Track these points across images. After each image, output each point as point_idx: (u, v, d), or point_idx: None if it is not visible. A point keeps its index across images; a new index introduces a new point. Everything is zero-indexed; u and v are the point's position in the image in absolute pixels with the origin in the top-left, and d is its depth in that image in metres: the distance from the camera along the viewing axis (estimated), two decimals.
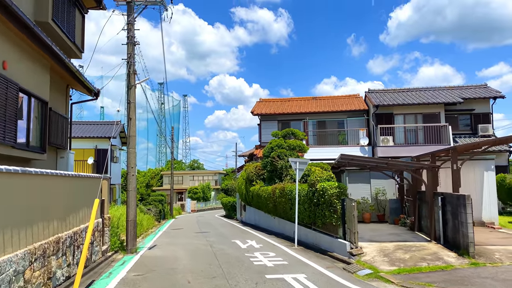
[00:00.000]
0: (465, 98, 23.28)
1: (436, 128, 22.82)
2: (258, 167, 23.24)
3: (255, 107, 28.31)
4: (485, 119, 23.66)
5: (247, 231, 19.94)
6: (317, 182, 12.92)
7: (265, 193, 19.26)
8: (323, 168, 18.42)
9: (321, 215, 12.57)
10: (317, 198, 12.75)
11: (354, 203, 11.15)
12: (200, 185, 67.33)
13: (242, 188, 27.38)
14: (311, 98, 29.55)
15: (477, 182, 14.49)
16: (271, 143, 20.66)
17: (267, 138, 26.99)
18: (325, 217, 12.34)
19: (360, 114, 26.18)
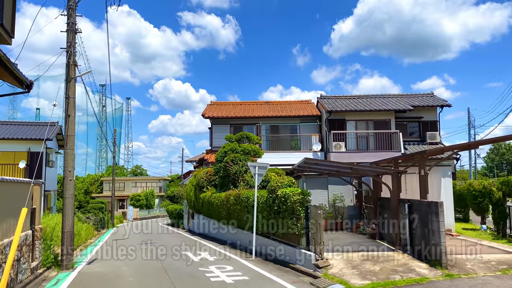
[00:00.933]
0: (414, 106, 23.55)
1: (387, 135, 22.82)
2: (209, 173, 21.96)
3: (206, 110, 27.00)
4: (432, 127, 24.07)
5: (197, 241, 18.55)
6: (278, 188, 11.95)
7: (218, 200, 18.02)
8: (278, 174, 17.56)
9: (283, 223, 11.61)
10: (278, 206, 11.77)
11: (320, 210, 10.29)
12: (143, 192, 64.30)
13: (190, 195, 25.89)
14: (264, 102, 28.77)
15: (435, 188, 14.27)
16: (224, 147, 19.50)
17: (219, 142, 25.77)
18: (287, 226, 11.38)
19: (312, 119, 25.73)
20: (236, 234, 16.25)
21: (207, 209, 20.65)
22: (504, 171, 65.88)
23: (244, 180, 17.46)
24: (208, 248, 15.52)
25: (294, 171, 15.78)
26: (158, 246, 16.61)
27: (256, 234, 13.73)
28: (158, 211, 62.36)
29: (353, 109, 23.40)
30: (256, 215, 13.23)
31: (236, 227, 16.54)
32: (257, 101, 28.96)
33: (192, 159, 43.81)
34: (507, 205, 12.91)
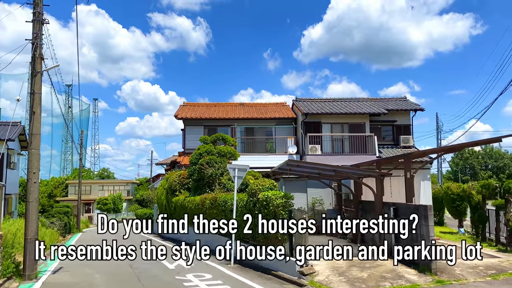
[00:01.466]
0: (389, 109, 23.61)
1: (361, 138, 22.73)
2: (183, 176, 21.16)
3: (179, 111, 26.15)
4: (406, 131, 24.21)
5: (171, 246, 17.71)
6: (259, 191, 11.40)
7: (192, 204, 17.27)
8: (255, 177, 17.04)
9: (264, 228, 11.05)
10: (259, 209, 11.22)
11: (305, 215, 9.81)
12: (110, 196, 62.21)
13: (162, 199, 24.96)
14: (238, 104, 28.20)
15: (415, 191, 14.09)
16: (199, 149, 18.78)
17: (192, 144, 24.99)
18: (268, 231, 10.84)
19: (288, 122, 25.40)
20: (212, 239, 15.56)
21: (180, 213, 19.83)
22: (468, 175, 67.99)
23: (220, 183, 16.82)
24: (184, 254, 14.76)
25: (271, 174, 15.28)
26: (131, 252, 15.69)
27: (236, 240, 13.13)
28: (126, 215, 60.47)
29: (329, 112, 23.23)
30: (236, 219, 12.63)
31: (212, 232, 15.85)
32: (231, 103, 28.37)
33: (162, 162, 42.62)
34: (486, 208, 12.91)
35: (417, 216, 9.32)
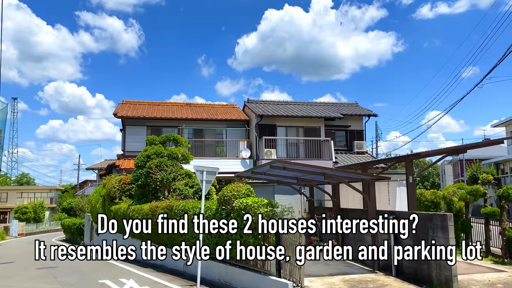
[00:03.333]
0: (344, 114, 22.73)
1: (317, 143, 21.55)
2: (124, 181, 18.35)
3: (118, 108, 23.14)
4: (359, 136, 23.51)
5: (113, 264, 14.88)
6: (233, 198, 9.38)
7: (139, 214, 14.67)
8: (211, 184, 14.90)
9: (241, 243, 9.03)
10: (234, 220, 9.18)
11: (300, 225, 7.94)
12: (31, 204, 55.69)
13: (96, 207, 21.74)
14: (184, 104, 25.77)
15: (391, 197, 12.92)
16: (147, 150, 16.20)
17: (133, 146, 22.19)
18: (247, 246, 8.85)
19: (240, 124, 23.53)
20: (168, 256, 13.14)
21: (121, 224, 17.01)
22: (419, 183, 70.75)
23: (175, 189, 14.43)
24: (132, 274, 12.17)
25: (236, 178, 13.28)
26: (63, 272, 12.72)
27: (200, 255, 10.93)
28: (48, 225, 54.42)
29: (285, 114, 21.77)
30: (202, 233, 10.44)
31: (165, 246, 13.43)
32: (177, 102, 25.87)
33: (94, 167, 38.49)
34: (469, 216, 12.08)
35: (429, 227, 7.90)
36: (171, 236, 12.44)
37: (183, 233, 11.64)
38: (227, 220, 9.37)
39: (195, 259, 11.25)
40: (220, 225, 9.74)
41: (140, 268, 13.46)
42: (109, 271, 13.01)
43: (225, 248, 9.68)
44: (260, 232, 8.50)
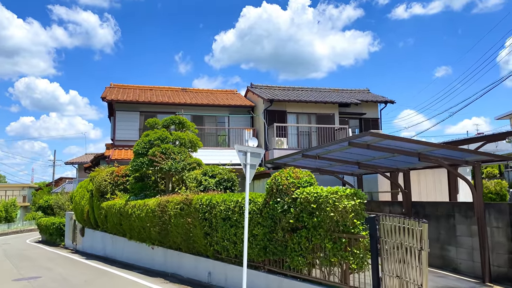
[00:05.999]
0: (362, 100, 20.47)
1: (331, 131, 19.21)
2: (118, 173, 15.46)
3: (106, 92, 20.10)
4: (374, 125, 21.28)
5: (109, 272, 12.04)
6: (293, 187, 6.85)
7: (141, 211, 11.88)
8: None
9: (307, 248, 6.52)
10: (296, 218, 6.66)
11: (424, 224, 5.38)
12: (1, 202, 51.19)
13: (81, 204, 18.70)
14: (180, 89, 22.91)
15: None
16: (149, 135, 13.40)
17: (124, 135, 19.26)
18: (319, 252, 6.35)
19: (244, 111, 20.93)
20: (183, 263, 10.47)
21: (116, 223, 14.19)
22: None
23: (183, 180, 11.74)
24: (136, 285, 9.45)
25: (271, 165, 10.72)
26: (48, 286, 9.84)
27: (232, 264, 8.37)
28: (21, 225, 50.10)
29: (297, 99, 19.29)
30: (235, 232, 7.87)
31: (177, 251, 10.76)
32: (171, 87, 23.00)
33: (74, 160, 34.93)
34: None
35: None
36: (190, 238, 9.78)
37: (208, 234, 9.03)
38: (284, 217, 6.83)
39: (224, 268, 8.70)
40: (270, 224, 7.20)
41: (145, 277, 10.73)
42: (107, 283, 10.22)
43: (279, 254, 7.15)
44: (344, 235, 6.01)
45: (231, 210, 8.17)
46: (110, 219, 14.65)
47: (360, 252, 5.86)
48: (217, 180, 10.59)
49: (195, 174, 11.48)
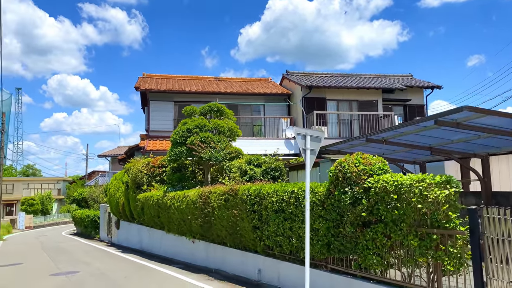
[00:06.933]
0: (407, 85, 19.15)
1: (374, 119, 18.05)
2: (154, 164, 14.88)
3: (139, 82, 19.59)
4: (420, 112, 19.91)
5: (147, 267, 11.44)
6: (364, 174, 5.89)
7: (181, 203, 11.19)
8: (260, 164, 11.38)
9: (383, 246, 5.57)
10: (370, 210, 5.72)
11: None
12: (38, 195, 52.42)
13: (116, 197, 18.31)
14: (213, 78, 22.20)
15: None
16: (186, 123, 12.67)
17: (158, 125, 18.72)
18: (407, 251, 5.40)
19: (280, 99, 20.00)
20: (227, 258, 9.71)
21: (154, 215, 13.60)
22: None
23: (230, 170, 10.96)
24: (183, 283, 8.76)
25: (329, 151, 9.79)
26: (87, 280, 9.31)
27: (287, 262, 7.52)
28: (57, 217, 51.21)
29: (337, 85, 18.17)
30: (297, 225, 7.00)
31: (221, 245, 10.02)
32: (204, 76, 22.32)
33: (107, 153, 35.00)
34: None
35: None
36: (236, 231, 8.99)
37: (257, 228, 8.21)
38: (354, 210, 5.89)
39: (276, 265, 7.86)
40: (335, 218, 6.28)
41: (187, 273, 10.04)
42: (148, 279, 9.58)
43: (347, 252, 6.23)
44: (435, 231, 5.02)
45: (285, 201, 7.29)
46: (147, 211, 14.10)
47: (457, 251, 4.86)
48: (263, 169, 9.77)
49: (238, 163, 10.68)
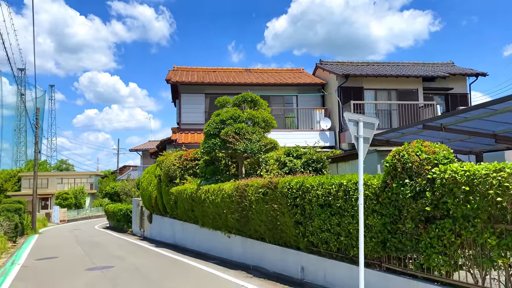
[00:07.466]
0: (449, 73, 18.06)
1: (414, 108, 17.10)
2: (186, 157, 14.57)
3: (170, 75, 19.35)
4: (463, 102, 18.75)
5: (182, 262, 11.14)
6: (427, 164, 5.24)
7: (216, 196, 10.80)
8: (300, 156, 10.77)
9: (452, 244, 4.92)
10: (434, 205, 5.07)
11: None
12: (71, 189, 53.65)
13: (148, 190, 18.18)
14: (243, 69, 21.72)
15: None
16: (220, 114, 12.24)
17: (189, 118, 18.41)
18: (480, 250, 4.74)
19: (314, 90, 19.31)
20: (266, 254, 9.24)
21: (187, 209, 13.31)
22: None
23: (267, 163, 10.46)
24: (221, 280, 8.36)
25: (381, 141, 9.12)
26: (122, 277, 9.06)
27: (334, 260, 6.97)
28: (89, 211, 52.33)
29: (375, 73, 17.32)
30: (347, 221, 6.42)
31: (258, 241, 9.55)
32: (234, 68, 21.88)
33: (138, 148, 35.26)
34: None
35: None
36: (276, 226, 8.49)
37: (300, 223, 7.68)
38: (415, 204, 5.27)
39: (322, 263, 7.32)
40: (392, 213, 5.68)
41: (224, 269, 9.63)
42: (184, 276, 9.24)
43: (407, 251, 5.62)
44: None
45: (332, 195, 6.72)
46: (181, 205, 13.82)
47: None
48: (304, 161, 9.19)
49: (276, 155, 10.16)
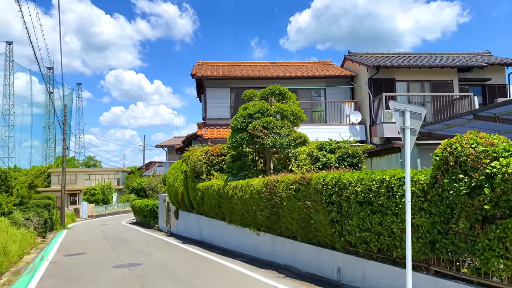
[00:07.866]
0: (487, 63, 17.11)
1: (449, 100, 16.28)
2: (212, 152, 14.30)
3: (195, 69, 19.13)
4: (501, 93, 17.78)
5: (209, 260, 10.87)
6: (485, 157, 4.72)
7: (246, 193, 10.46)
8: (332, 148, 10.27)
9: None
10: (494, 203, 4.55)
11: None
12: (99, 185, 54.62)
13: (175, 186, 18.05)
14: (269, 63, 21.29)
15: None
16: (247, 108, 11.88)
17: (215, 113, 18.16)
18: None
19: (342, 82, 18.71)
20: (298, 253, 8.84)
21: (214, 205, 13.03)
22: None
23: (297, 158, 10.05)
24: (251, 280, 8.03)
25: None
26: (151, 275, 8.86)
27: (374, 261, 6.50)
28: (116, 207, 53.20)
29: (408, 64, 16.57)
30: (391, 220, 5.95)
31: (289, 239, 9.16)
32: (259, 62, 21.49)
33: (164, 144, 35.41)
34: None
35: None
36: (309, 225, 8.07)
37: (336, 221, 7.24)
38: (471, 201, 4.75)
39: (361, 264, 6.87)
40: (443, 211, 5.17)
41: (253, 268, 9.30)
42: (213, 274, 8.95)
43: (460, 253, 5.11)
44: None
45: (373, 191, 6.25)
46: (207, 201, 13.56)
47: None
48: (338, 155, 8.72)
49: (308, 149, 9.72)
